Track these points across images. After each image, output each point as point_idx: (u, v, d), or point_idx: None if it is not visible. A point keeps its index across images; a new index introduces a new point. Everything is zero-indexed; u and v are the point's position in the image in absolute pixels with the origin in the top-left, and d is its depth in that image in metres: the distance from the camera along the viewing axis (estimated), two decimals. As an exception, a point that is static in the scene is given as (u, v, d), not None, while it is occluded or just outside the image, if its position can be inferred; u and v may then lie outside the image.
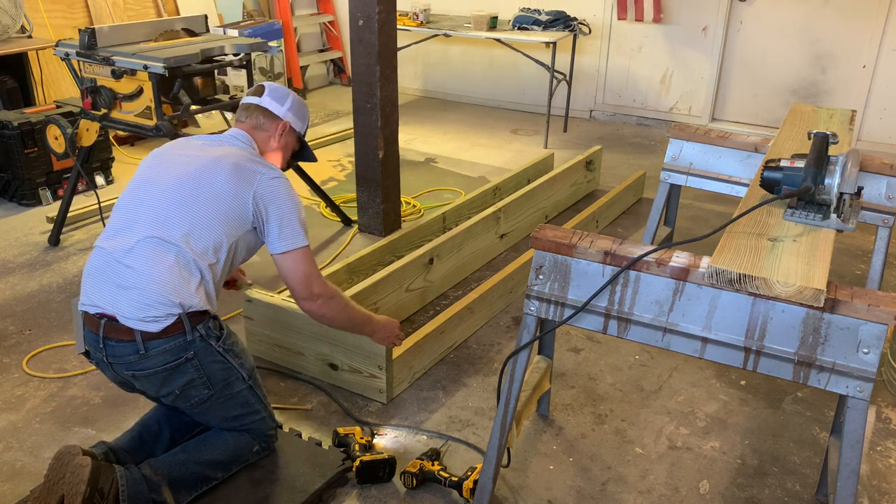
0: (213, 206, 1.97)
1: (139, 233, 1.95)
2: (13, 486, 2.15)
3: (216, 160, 2.03)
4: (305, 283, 2.07)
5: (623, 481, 2.22)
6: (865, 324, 1.51)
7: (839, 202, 1.84)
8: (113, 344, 1.91)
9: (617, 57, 5.94)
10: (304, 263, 2.06)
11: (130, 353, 1.90)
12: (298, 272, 2.06)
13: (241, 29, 5.91)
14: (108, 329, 1.90)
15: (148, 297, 1.88)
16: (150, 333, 1.88)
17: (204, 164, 2.02)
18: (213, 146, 2.12)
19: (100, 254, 1.99)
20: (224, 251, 1.99)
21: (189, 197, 1.97)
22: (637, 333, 1.75)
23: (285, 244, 2.04)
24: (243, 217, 2.01)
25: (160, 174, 2.04)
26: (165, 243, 1.93)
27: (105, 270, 1.95)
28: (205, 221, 1.96)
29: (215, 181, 1.99)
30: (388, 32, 3.43)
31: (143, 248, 1.93)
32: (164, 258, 1.91)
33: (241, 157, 2.06)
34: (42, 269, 3.44)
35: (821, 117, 2.91)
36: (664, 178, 3.01)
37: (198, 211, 1.96)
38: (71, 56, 3.31)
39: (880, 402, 2.61)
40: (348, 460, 2.21)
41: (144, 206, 1.99)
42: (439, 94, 6.78)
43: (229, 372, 2.03)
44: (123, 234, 1.97)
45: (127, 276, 1.91)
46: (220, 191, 1.98)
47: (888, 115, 5.18)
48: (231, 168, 2.01)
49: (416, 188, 4.49)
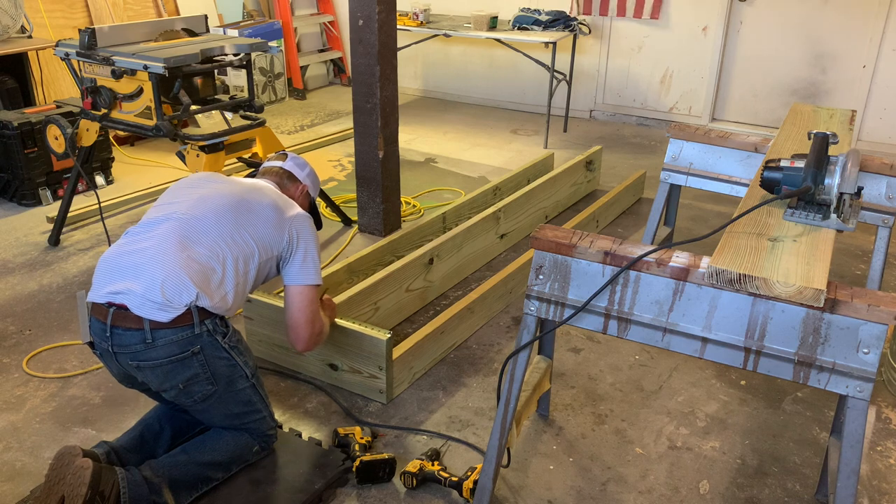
0: (253, 223, 2.10)
1: (172, 222, 2.02)
2: (13, 486, 2.15)
3: (262, 187, 2.22)
4: (311, 319, 2.20)
5: (623, 481, 2.22)
6: (865, 324, 1.51)
7: (839, 202, 1.84)
8: (120, 332, 1.92)
9: (617, 57, 5.94)
10: (315, 301, 2.22)
11: (137, 342, 1.91)
12: (306, 308, 2.19)
13: (241, 29, 5.92)
14: (115, 317, 1.91)
15: (167, 273, 1.91)
16: (158, 322, 1.89)
17: (249, 187, 2.19)
18: (255, 181, 2.30)
19: (124, 239, 2.05)
20: (253, 270, 2.08)
21: (231, 208, 2.09)
22: (637, 333, 1.75)
23: (305, 278, 2.17)
24: (277, 243, 2.13)
25: (202, 185, 2.17)
26: (196, 240, 2.00)
27: (125, 255, 1.98)
28: (242, 234, 2.06)
29: (261, 203, 2.14)
30: (388, 32, 3.44)
31: (173, 234, 1.99)
32: (191, 248, 1.98)
33: (280, 194, 2.26)
34: (42, 269, 3.44)
35: (821, 117, 2.91)
36: (664, 178, 3.01)
37: (237, 223, 2.07)
38: (71, 56, 3.30)
39: (880, 402, 2.61)
40: (348, 460, 2.21)
41: (182, 205, 2.08)
42: (439, 94, 6.78)
43: (234, 369, 2.04)
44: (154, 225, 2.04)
45: (150, 254, 1.95)
46: (265, 214, 2.13)
47: (888, 115, 5.18)
48: (275, 197, 2.20)
49: (416, 188, 4.49)
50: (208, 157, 3.14)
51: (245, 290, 2.09)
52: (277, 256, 2.15)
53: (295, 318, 2.18)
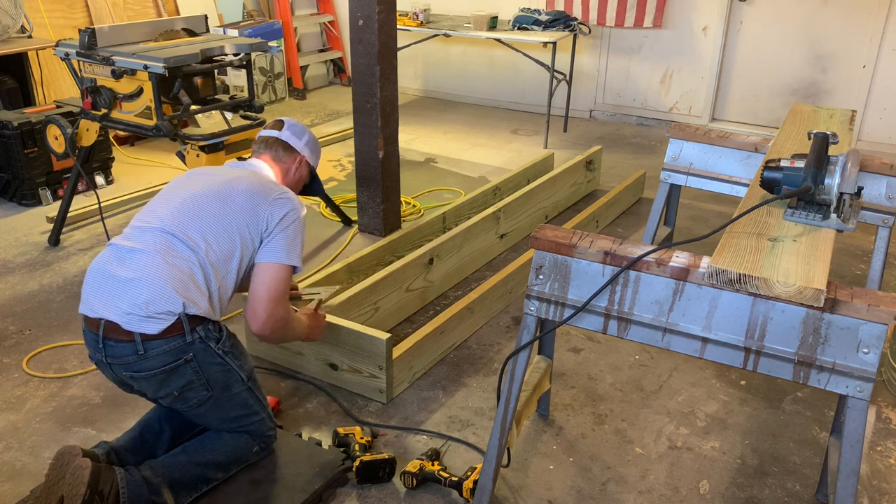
0: (230, 215, 2.05)
1: (153, 227, 2.01)
2: (13, 486, 2.15)
3: (237, 178, 2.16)
4: (273, 298, 2.04)
5: (623, 481, 2.22)
6: (865, 324, 1.51)
7: (839, 202, 1.84)
8: (112, 344, 1.91)
9: (617, 57, 5.94)
10: (283, 281, 2.06)
11: (129, 354, 1.90)
12: (270, 285, 2.04)
13: (241, 29, 5.91)
14: (107, 329, 1.91)
15: (150, 289, 1.89)
16: (148, 335, 1.89)
17: (226, 180, 2.14)
18: (234, 168, 2.25)
19: (108, 250, 2.03)
20: (234, 264, 2.04)
21: (207, 205, 2.05)
22: (637, 333, 1.75)
23: (275, 256, 2.06)
24: (255, 231, 2.06)
25: (184, 186, 2.15)
26: (178, 240, 1.98)
27: (109, 269, 1.96)
28: (221, 229, 2.03)
29: (235, 193, 2.08)
30: (388, 32, 3.43)
31: (154, 239, 1.97)
32: (174, 253, 1.96)
33: (259, 177, 2.20)
34: (42, 269, 3.44)
35: (821, 117, 2.91)
36: (664, 178, 3.01)
37: (215, 218, 2.03)
38: (71, 56, 3.30)
39: (880, 402, 2.61)
40: (348, 460, 2.21)
41: (163, 209, 2.06)
42: (439, 94, 6.78)
43: (228, 374, 2.03)
44: (138, 232, 2.02)
45: (132, 266, 1.93)
46: (239, 203, 2.07)
47: (888, 115, 5.18)
48: (249, 185, 2.12)
49: (416, 188, 4.49)
50: (208, 157, 3.14)
51: (231, 288, 2.05)
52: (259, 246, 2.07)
53: (255, 293, 2.04)
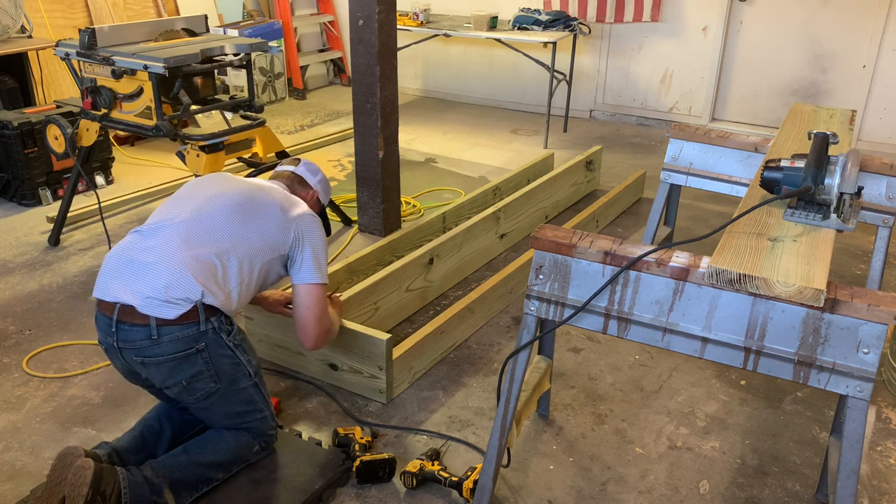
0: (259, 219, 2.11)
1: (180, 220, 2.04)
2: (13, 486, 2.15)
3: (268, 187, 2.25)
4: (319, 317, 2.21)
5: (623, 481, 2.23)
6: (865, 324, 1.51)
7: (839, 202, 1.84)
8: (126, 328, 1.93)
9: (617, 57, 5.94)
10: (323, 300, 2.23)
11: (142, 338, 1.92)
12: (314, 307, 2.19)
13: (241, 29, 5.92)
14: (122, 313, 1.93)
15: (171, 274, 1.92)
16: (164, 320, 1.90)
17: (257, 185, 2.22)
18: (260, 181, 2.32)
19: (131, 237, 2.06)
20: (258, 269, 2.09)
21: (237, 205, 2.11)
22: (637, 333, 1.75)
23: (312, 277, 2.18)
24: (283, 242, 2.14)
25: (213, 183, 2.20)
26: (201, 235, 2.02)
27: (130, 254, 1.99)
28: (249, 231, 2.08)
29: (267, 203, 2.16)
30: (388, 32, 3.44)
31: (179, 230, 2.02)
32: (197, 244, 1.99)
33: (286, 192, 2.29)
34: (42, 269, 3.44)
35: (821, 117, 2.91)
36: (664, 178, 3.01)
37: (244, 219, 2.09)
38: (71, 56, 3.30)
39: (880, 402, 2.61)
40: (348, 460, 2.21)
41: (190, 204, 2.10)
42: (439, 94, 6.78)
43: (237, 367, 2.05)
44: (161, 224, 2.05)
45: (154, 253, 1.97)
46: (270, 213, 2.14)
47: (888, 115, 5.18)
48: (280, 195, 2.22)
49: (416, 188, 4.49)
50: (208, 157, 3.14)
51: (250, 289, 2.10)
52: (283, 256, 2.16)
53: (303, 317, 2.19)
